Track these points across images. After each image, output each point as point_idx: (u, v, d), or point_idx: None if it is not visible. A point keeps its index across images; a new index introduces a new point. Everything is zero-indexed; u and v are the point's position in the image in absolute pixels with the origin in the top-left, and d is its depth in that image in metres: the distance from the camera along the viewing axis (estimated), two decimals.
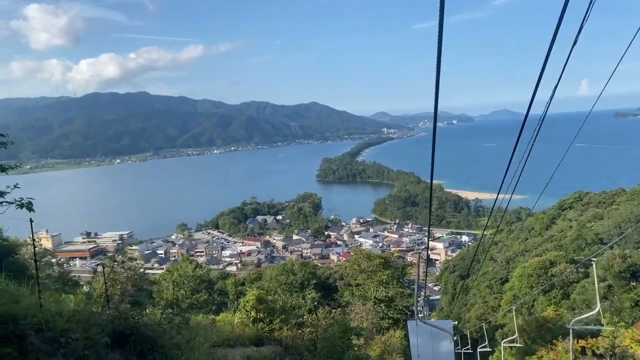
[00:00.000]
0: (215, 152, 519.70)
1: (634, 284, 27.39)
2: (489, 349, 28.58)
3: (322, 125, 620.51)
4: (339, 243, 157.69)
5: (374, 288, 30.84)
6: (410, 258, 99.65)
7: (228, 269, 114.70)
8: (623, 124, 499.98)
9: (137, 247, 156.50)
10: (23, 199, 4.83)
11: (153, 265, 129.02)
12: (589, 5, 4.21)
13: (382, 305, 30.11)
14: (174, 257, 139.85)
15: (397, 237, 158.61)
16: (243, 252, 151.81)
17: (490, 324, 35.86)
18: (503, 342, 23.51)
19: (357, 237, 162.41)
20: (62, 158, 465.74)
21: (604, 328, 15.36)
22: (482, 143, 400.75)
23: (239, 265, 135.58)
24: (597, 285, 10.66)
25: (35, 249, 5.48)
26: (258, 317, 8.15)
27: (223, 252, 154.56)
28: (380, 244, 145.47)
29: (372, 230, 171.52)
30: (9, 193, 4.78)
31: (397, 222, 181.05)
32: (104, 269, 6.29)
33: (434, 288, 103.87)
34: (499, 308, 40.74)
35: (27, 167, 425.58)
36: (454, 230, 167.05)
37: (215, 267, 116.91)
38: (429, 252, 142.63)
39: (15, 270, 7.25)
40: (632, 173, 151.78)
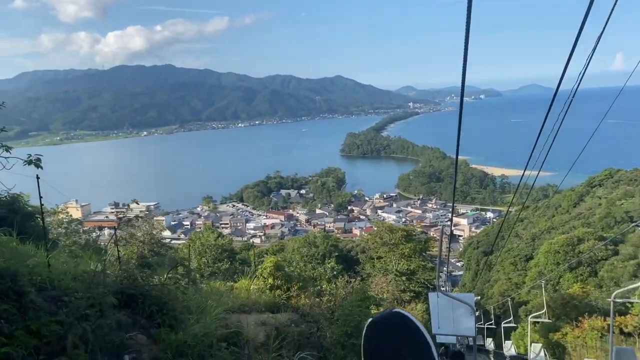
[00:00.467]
0: (240, 125, 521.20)
1: None
2: (514, 325, 28.29)
3: (346, 100, 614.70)
4: (362, 218, 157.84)
5: (396, 261, 30.68)
6: (434, 233, 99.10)
7: (252, 241, 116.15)
8: None
9: (163, 217, 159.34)
10: (31, 156, 4.73)
11: (180, 236, 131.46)
12: None
13: (403, 278, 29.99)
14: (200, 228, 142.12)
15: (420, 212, 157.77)
16: (267, 225, 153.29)
17: (514, 301, 35.47)
18: (530, 317, 23.08)
19: (380, 212, 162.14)
20: (90, 130, 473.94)
21: None
22: (510, 118, 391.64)
23: (263, 238, 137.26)
24: None
25: (42, 206, 5.38)
26: (275, 284, 8.06)
27: (247, 224, 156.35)
28: (404, 219, 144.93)
29: (395, 206, 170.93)
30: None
31: (420, 197, 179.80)
32: (115, 231, 6.22)
33: (457, 264, 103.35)
34: (523, 285, 40.31)
35: (57, 138, 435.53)
36: (479, 207, 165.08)
37: (240, 239, 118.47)
38: (453, 228, 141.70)
39: (36, 235, 7.24)
40: None
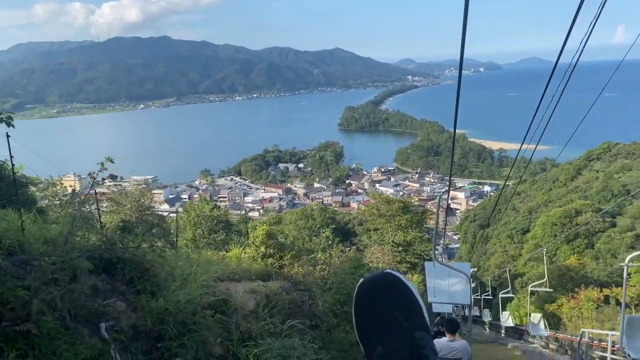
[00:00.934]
0: (238, 98, 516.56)
1: None
2: (512, 295, 28.46)
3: (345, 73, 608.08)
4: (360, 191, 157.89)
5: (392, 232, 30.66)
6: (431, 207, 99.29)
7: (250, 215, 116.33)
8: None
9: (161, 191, 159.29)
10: (2, 114, 4.43)
11: (177, 209, 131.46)
12: None
13: (399, 249, 30.02)
14: (198, 202, 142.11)
15: (418, 186, 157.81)
16: (265, 198, 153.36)
17: (510, 272, 35.64)
18: (530, 285, 23.09)
19: (378, 185, 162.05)
20: (87, 102, 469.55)
21: None
22: (508, 92, 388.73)
23: (261, 211, 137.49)
24: None
25: (14, 167, 5.10)
26: (268, 252, 7.87)
27: (245, 198, 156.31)
28: (401, 193, 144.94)
29: (393, 180, 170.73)
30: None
31: (418, 171, 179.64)
32: (96, 193, 5.96)
33: (454, 237, 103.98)
34: (520, 257, 40.53)
35: (53, 111, 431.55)
36: (476, 180, 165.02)
37: (238, 212, 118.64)
38: (450, 201, 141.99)
39: (22, 203, 7.00)
40: None
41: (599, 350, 12.86)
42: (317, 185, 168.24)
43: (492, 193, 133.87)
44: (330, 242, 12.77)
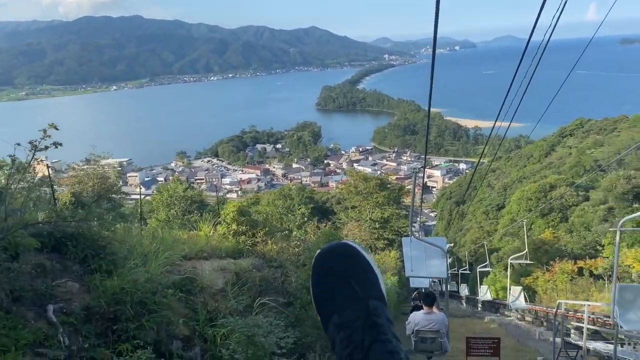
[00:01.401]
0: (213, 79, 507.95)
1: (637, 206, 27.27)
2: (489, 269, 28.91)
3: (322, 52, 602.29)
4: (338, 171, 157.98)
5: (370, 209, 30.65)
6: (408, 185, 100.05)
7: (228, 196, 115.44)
8: (630, 51, 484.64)
9: (137, 173, 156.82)
10: None
11: (154, 192, 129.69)
12: None
13: (377, 226, 30.08)
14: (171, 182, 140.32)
15: (395, 165, 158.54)
16: (243, 180, 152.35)
17: (486, 248, 36.09)
18: (510, 258, 23.29)
19: (356, 165, 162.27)
20: (57, 84, 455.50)
21: None
22: (483, 70, 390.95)
23: (239, 193, 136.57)
24: None
25: None
26: (239, 230, 7.60)
27: (223, 179, 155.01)
28: (379, 172, 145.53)
29: (371, 159, 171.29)
30: None
31: (396, 150, 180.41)
32: (49, 169, 5.57)
33: (431, 214, 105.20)
34: (495, 232, 41.12)
35: (22, 93, 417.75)
36: (452, 158, 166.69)
37: (215, 194, 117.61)
38: (426, 179, 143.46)
39: None
40: (636, 100, 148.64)
41: (575, 321, 13.04)
42: (295, 166, 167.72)
43: (467, 171, 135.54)
44: (306, 218, 12.52)
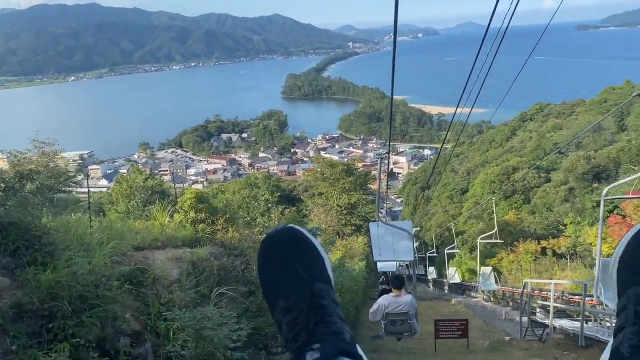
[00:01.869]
0: (175, 68, 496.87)
1: (596, 185, 28.11)
2: (457, 251, 29.37)
3: (286, 40, 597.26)
4: (305, 160, 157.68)
5: (337, 196, 30.56)
6: (375, 172, 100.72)
7: (194, 187, 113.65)
8: (585, 37, 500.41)
9: (98, 166, 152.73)
10: None
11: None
12: None
13: (344, 212, 30.06)
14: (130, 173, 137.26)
15: (362, 152, 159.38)
16: (208, 170, 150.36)
17: (451, 232, 36.57)
18: (480, 237, 23.45)
19: (323, 153, 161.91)
20: (11, 75, 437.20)
21: None
22: (446, 57, 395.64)
23: (205, 183, 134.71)
24: None
25: None
26: (198, 217, 7.25)
27: (188, 170, 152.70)
28: (346, 159, 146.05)
29: (337, 147, 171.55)
30: None
31: (362, 137, 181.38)
32: None
33: (397, 200, 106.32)
34: (460, 216, 41.79)
35: None
36: (417, 145, 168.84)
37: (181, 185, 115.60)
38: (392, 166, 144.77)
39: None
40: (592, 84, 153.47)
41: (540, 300, 13.24)
42: (262, 155, 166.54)
43: (432, 156, 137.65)
44: (270, 205, 12.20)
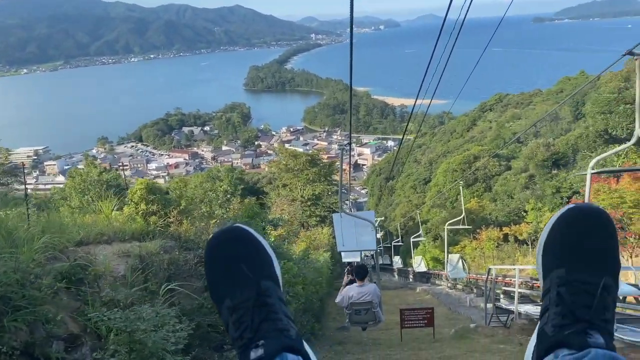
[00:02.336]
0: (133, 60, 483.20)
1: (556, 172, 28.90)
2: (423, 238, 29.63)
3: (247, 31, 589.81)
4: (270, 152, 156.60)
5: (301, 187, 30.27)
6: (339, 163, 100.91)
7: (155, 182, 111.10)
8: (541, 29, 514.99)
9: (55, 162, 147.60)
10: None
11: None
12: None
13: (308, 204, 29.82)
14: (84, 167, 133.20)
15: (326, 144, 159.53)
16: (170, 164, 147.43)
17: (415, 221, 36.93)
18: (447, 223, 23.50)
19: (287, 145, 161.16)
20: None
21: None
22: (407, 49, 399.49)
23: (167, 178, 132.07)
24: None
25: None
26: (149, 210, 6.84)
27: (149, 165, 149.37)
28: (310, 152, 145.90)
29: (302, 139, 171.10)
30: None
31: (326, 129, 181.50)
32: None
33: (362, 191, 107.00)
34: (423, 205, 42.27)
35: None
36: (381, 136, 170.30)
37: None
38: (357, 157, 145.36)
39: None
40: (548, 75, 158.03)
41: (504, 286, 13.36)
42: (225, 148, 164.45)
43: (395, 147, 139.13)
44: (229, 195, 11.81)
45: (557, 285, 0.97)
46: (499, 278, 12.46)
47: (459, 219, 22.12)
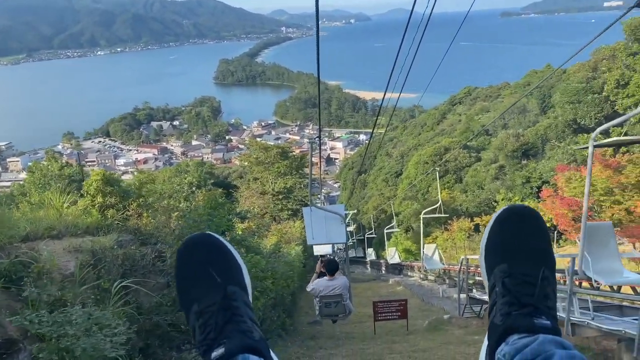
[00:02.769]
0: (100, 53, 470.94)
1: (525, 162, 29.34)
2: (396, 230, 29.69)
3: (217, 24, 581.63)
4: (242, 147, 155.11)
5: (272, 180, 29.87)
6: (314, 159, 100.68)
7: (123, 178, 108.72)
8: (509, 24, 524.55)
9: (18, 158, 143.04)
10: None
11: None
12: None
13: (280, 197, 29.48)
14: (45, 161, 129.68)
15: (298, 138, 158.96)
16: (139, 160, 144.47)
17: (387, 213, 37.00)
18: (423, 212, 23.36)
19: (259, 140, 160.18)
20: None
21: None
22: (377, 43, 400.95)
23: (136, 174, 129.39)
24: None
25: None
26: (107, 202, 6.45)
27: (117, 160, 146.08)
28: (282, 144, 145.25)
29: (274, 133, 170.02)
30: None
31: (298, 123, 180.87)
32: None
33: (335, 185, 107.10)
34: (395, 197, 42.43)
35: None
36: (353, 130, 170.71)
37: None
38: (329, 151, 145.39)
39: None
40: (516, 68, 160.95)
41: (477, 276, 13.35)
42: (195, 143, 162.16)
43: (366, 141, 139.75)
44: (194, 188, 11.41)
45: (501, 279, 1.03)
46: (472, 268, 12.43)
47: (435, 207, 22.00)
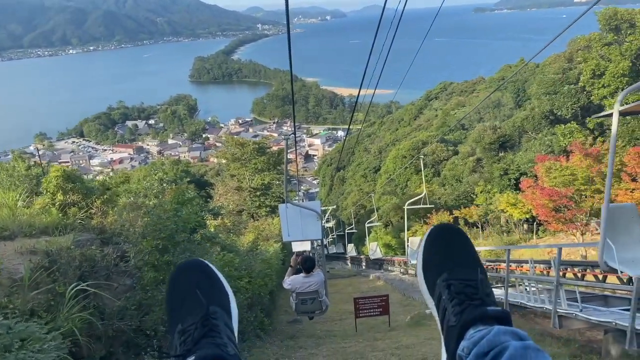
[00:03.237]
0: (72, 52, 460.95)
1: (502, 154, 29.49)
2: (378, 223, 29.63)
3: (191, 21, 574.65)
4: (219, 145, 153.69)
5: (250, 177, 29.43)
6: (291, 155, 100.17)
7: (98, 178, 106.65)
8: (482, 19, 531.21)
9: None
10: None
11: None
12: None
13: (258, 194, 29.07)
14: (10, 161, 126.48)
15: (276, 135, 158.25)
16: (114, 160, 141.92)
17: (366, 209, 36.93)
18: (407, 203, 23.21)
19: (236, 137, 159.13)
20: None
21: None
22: (353, 39, 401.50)
23: (111, 174, 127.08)
24: None
25: None
26: (69, 200, 6.06)
27: (91, 161, 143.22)
28: (258, 140, 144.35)
29: (252, 131, 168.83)
30: None
31: (276, 121, 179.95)
32: None
33: (314, 182, 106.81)
34: (374, 192, 42.40)
35: None
36: (331, 126, 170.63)
37: (85, 177, 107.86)
38: (307, 148, 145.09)
39: None
40: (490, 64, 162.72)
41: None
42: (171, 142, 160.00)
43: (344, 137, 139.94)
44: (165, 184, 11.01)
45: (446, 287, 1.10)
46: None
47: (419, 198, 21.88)
